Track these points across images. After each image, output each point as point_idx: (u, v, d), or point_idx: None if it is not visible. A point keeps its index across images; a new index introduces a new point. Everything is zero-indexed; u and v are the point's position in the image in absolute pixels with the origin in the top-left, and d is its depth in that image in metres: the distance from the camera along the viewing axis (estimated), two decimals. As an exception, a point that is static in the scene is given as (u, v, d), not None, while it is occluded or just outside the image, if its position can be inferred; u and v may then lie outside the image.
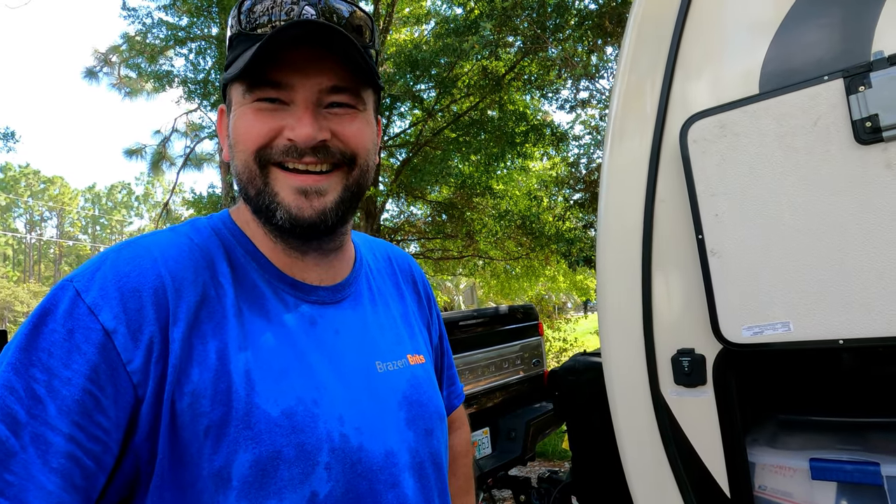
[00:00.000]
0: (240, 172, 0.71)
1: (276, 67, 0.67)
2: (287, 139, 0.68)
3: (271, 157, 0.69)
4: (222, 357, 0.65)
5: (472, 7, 7.45)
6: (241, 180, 0.72)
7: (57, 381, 0.56)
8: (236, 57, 0.71)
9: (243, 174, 0.71)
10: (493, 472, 3.34)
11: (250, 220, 0.76)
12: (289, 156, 0.69)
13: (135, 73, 11.05)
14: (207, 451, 0.61)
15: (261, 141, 0.69)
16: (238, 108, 0.71)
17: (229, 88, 0.73)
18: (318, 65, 0.68)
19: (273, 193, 0.69)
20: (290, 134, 0.68)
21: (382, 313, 0.85)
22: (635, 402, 1.52)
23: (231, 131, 0.72)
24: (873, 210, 1.14)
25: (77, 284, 0.61)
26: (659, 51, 1.52)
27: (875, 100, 1.13)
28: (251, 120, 0.69)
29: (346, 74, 0.70)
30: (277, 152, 0.69)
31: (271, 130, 0.68)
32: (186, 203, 13.57)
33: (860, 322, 1.15)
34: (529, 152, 9.38)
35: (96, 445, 0.57)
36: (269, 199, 0.69)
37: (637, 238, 1.51)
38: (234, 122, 0.71)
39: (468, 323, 3.51)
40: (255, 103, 0.69)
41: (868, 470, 1.24)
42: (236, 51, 0.71)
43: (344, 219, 0.74)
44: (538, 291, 13.98)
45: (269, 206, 0.70)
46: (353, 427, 0.70)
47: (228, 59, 0.73)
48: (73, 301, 0.60)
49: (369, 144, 0.75)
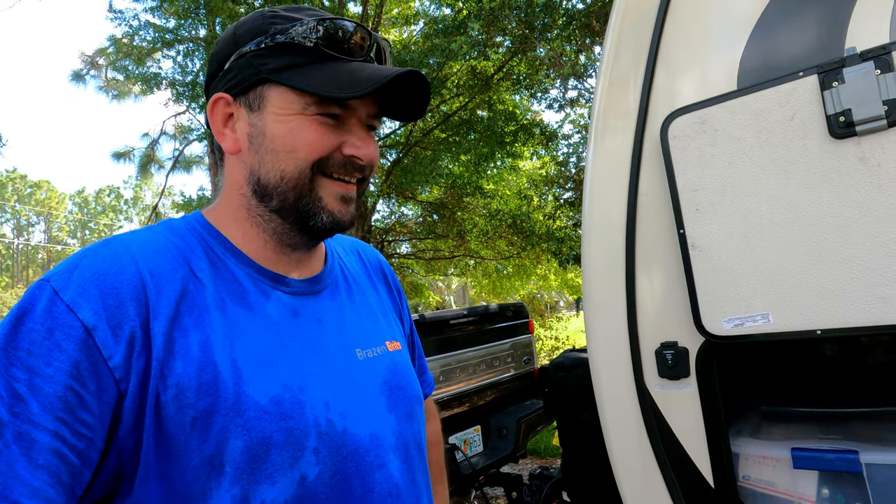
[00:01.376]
0: (285, 176, 0.73)
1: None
2: (348, 155, 0.74)
3: (327, 168, 0.74)
4: (206, 349, 0.66)
5: (461, 7, 7.47)
6: (280, 182, 0.74)
7: (38, 378, 0.57)
8: (296, 64, 0.73)
9: (291, 178, 0.73)
10: (485, 469, 3.36)
11: (236, 220, 0.78)
12: (345, 169, 0.75)
13: (122, 75, 10.96)
14: (195, 441, 0.62)
15: (323, 153, 0.73)
16: (293, 117, 0.73)
17: (266, 87, 0.74)
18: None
19: (318, 198, 0.74)
20: (354, 151, 0.74)
21: (359, 303, 0.88)
22: (621, 396, 1.54)
23: (277, 131, 0.73)
24: (848, 203, 1.16)
25: (54, 283, 0.61)
26: (640, 48, 1.54)
27: (848, 95, 1.15)
28: (316, 133, 0.73)
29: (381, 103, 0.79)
30: (335, 165, 0.74)
31: (333, 144, 0.74)
32: (176, 206, 13.50)
33: (837, 312, 1.18)
34: (519, 152, 9.41)
35: (80, 441, 0.58)
36: (312, 204, 0.74)
37: (621, 233, 1.53)
38: (287, 126, 0.73)
39: (459, 321, 3.53)
40: (319, 117, 0.73)
41: (848, 458, 1.27)
42: (293, 58, 0.73)
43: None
44: (530, 290, 14.02)
45: (311, 210, 0.74)
46: (337, 412, 0.72)
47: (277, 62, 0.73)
48: (50, 300, 0.60)
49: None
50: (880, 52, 1.13)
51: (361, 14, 8.91)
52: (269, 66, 0.73)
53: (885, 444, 1.30)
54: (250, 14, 0.78)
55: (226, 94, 0.76)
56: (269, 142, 0.73)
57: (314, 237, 0.80)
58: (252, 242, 0.77)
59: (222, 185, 0.81)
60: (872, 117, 1.12)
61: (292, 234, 0.78)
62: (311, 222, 0.75)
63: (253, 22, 0.75)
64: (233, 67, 0.75)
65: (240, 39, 0.75)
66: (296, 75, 0.72)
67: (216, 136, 0.78)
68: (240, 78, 0.74)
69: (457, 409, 3.37)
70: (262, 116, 0.74)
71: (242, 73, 0.74)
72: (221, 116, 0.77)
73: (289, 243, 0.79)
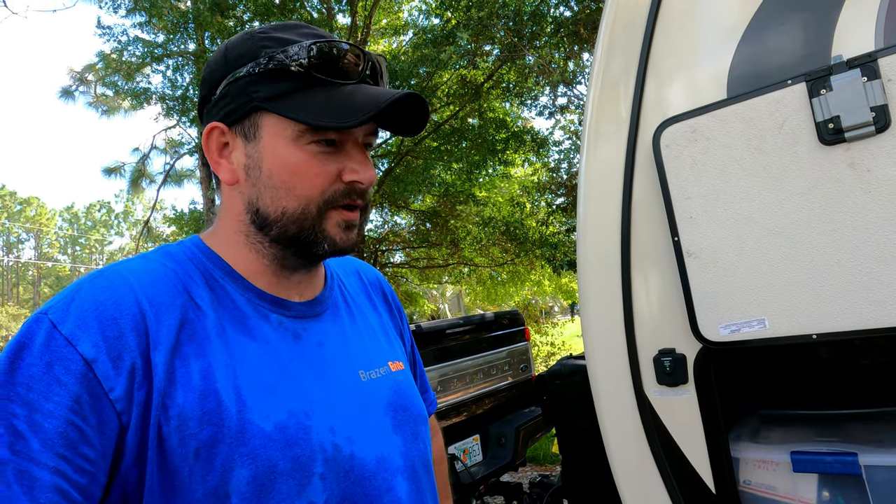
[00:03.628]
0: (289, 211, 0.71)
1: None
2: (349, 182, 0.72)
3: (334, 202, 0.73)
4: (207, 377, 0.65)
5: (449, 17, 7.51)
6: (282, 217, 0.72)
7: (38, 414, 0.56)
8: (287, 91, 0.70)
9: (294, 214, 0.72)
10: (485, 478, 3.34)
11: (235, 245, 0.76)
12: (348, 198, 0.73)
13: (112, 91, 10.95)
14: (199, 471, 0.61)
15: (325, 188, 0.72)
16: (288, 146, 0.70)
17: (259, 115, 0.72)
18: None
19: (322, 231, 0.73)
20: (355, 177, 0.72)
21: (360, 323, 0.87)
22: (620, 403, 1.54)
23: (272, 166, 0.71)
24: (840, 208, 1.18)
25: (52, 316, 0.60)
26: (630, 57, 1.56)
27: (836, 102, 1.17)
28: (315, 166, 0.71)
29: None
30: (339, 195, 0.73)
31: (333, 175, 0.72)
32: (168, 220, 13.43)
33: (831, 316, 1.19)
34: (511, 159, 9.45)
35: (83, 477, 0.57)
36: (314, 235, 0.73)
37: (616, 241, 1.54)
38: (282, 160, 0.71)
39: (455, 331, 3.53)
40: (314, 146, 0.71)
41: (847, 460, 1.27)
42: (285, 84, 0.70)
43: None
44: (524, 296, 14.03)
45: (313, 240, 0.73)
46: (344, 436, 0.71)
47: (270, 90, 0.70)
48: (48, 333, 0.59)
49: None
50: (866, 59, 1.15)
51: (350, 25, 8.95)
52: (261, 93, 0.70)
53: (883, 445, 1.31)
54: (241, 35, 0.75)
55: (220, 122, 0.74)
56: (266, 177, 0.72)
57: (314, 261, 0.80)
58: (251, 267, 0.76)
59: (219, 210, 0.80)
60: (860, 124, 1.14)
61: (292, 258, 0.77)
62: (312, 249, 0.74)
63: (243, 45, 0.72)
64: (226, 93, 0.72)
65: (231, 63, 0.72)
66: (288, 103, 0.70)
67: (212, 165, 0.76)
68: (233, 106, 0.72)
69: (455, 418, 3.36)
70: (257, 147, 0.72)
71: (236, 100, 0.72)
72: (216, 146, 0.75)
73: (288, 266, 0.78)
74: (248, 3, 8.02)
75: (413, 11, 10.09)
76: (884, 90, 1.13)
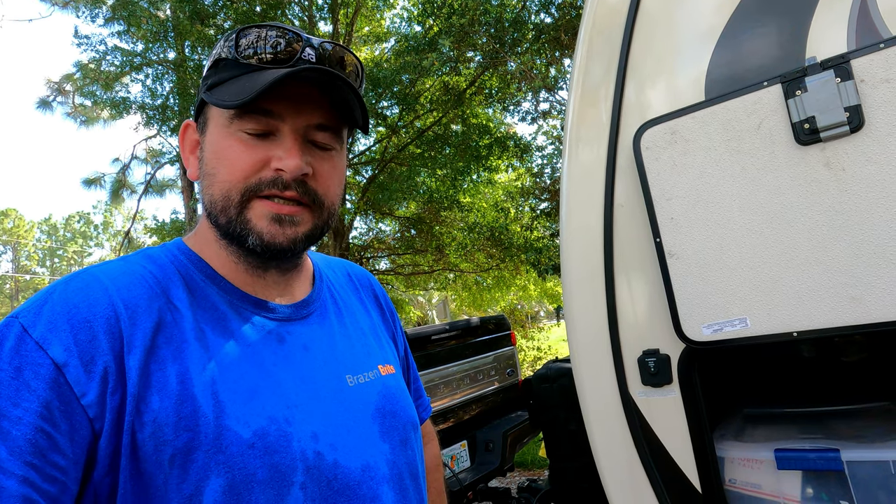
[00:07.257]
0: (214, 199, 0.70)
1: (270, 97, 0.68)
2: (274, 170, 0.69)
3: (258, 190, 0.69)
4: (184, 381, 0.63)
5: (431, 25, 7.55)
6: (213, 206, 0.71)
7: (6, 421, 0.54)
8: (222, 80, 0.70)
9: (218, 202, 0.70)
10: (473, 485, 3.33)
11: (210, 242, 0.75)
12: (274, 188, 0.69)
13: (90, 101, 10.81)
14: (174, 480, 0.59)
15: (248, 174, 0.69)
16: (220, 133, 0.70)
17: (207, 107, 0.72)
18: (312, 102, 0.71)
19: (245, 221, 0.70)
20: (279, 164, 0.69)
21: (350, 326, 0.85)
22: (606, 405, 1.54)
23: (208, 155, 0.71)
24: (817, 207, 1.19)
25: (23, 320, 0.59)
26: (610, 61, 1.57)
27: (811, 103, 1.19)
28: (238, 151, 0.69)
29: (333, 115, 0.73)
30: (265, 184, 0.69)
31: (258, 162, 0.69)
32: (149, 230, 13.26)
33: (811, 314, 1.20)
34: (494, 165, 9.48)
35: (53, 486, 0.55)
36: (240, 227, 0.70)
37: (598, 243, 1.55)
38: (213, 147, 0.71)
39: (441, 337, 3.52)
40: (241, 133, 0.69)
41: (829, 457, 1.29)
42: (223, 74, 0.71)
43: (308, 247, 0.76)
44: (510, 301, 14.06)
45: (241, 233, 0.70)
46: (327, 444, 0.69)
47: (213, 79, 0.72)
48: (19, 337, 0.58)
49: (339, 189, 0.77)
50: (839, 60, 1.17)
51: (332, 32, 8.94)
52: (206, 85, 0.72)
53: (863, 440, 1.32)
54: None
55: (192, 120, 0.75)
56: (204, 166, 0.72)
57: (263, 260, 0.75)
58: (226, 266, 0.75)
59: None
60: (835, 124, 1.16)
61: (251, 257, 0.74)
62: (245, 244, 0.71)
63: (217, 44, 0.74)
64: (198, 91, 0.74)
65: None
66: (219, 91, 0.70)
67: (184, 163, 0.77)
68: (197, 102, 0.74)
69: (442, 424, 3.35)
70: (205, 139, 0.72)
71: (198, 96, 0.74)
72: (189, 143, 0.76)
73: (254, 265, 0.76)
74: (229, 12, 8.00)
75: (395, 19, 10.12)
76: (857, 91, 1.15)
